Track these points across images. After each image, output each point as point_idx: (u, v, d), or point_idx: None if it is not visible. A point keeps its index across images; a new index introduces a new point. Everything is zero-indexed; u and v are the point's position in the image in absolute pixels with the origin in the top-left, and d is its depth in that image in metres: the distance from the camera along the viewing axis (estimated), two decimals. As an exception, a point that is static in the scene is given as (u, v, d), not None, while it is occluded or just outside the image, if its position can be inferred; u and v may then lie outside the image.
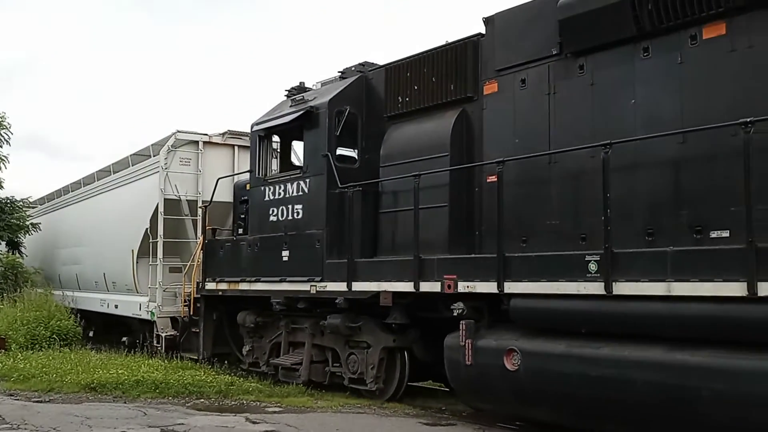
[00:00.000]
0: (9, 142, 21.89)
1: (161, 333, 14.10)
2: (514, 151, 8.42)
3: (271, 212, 11.29)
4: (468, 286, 8.18)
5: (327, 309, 10.22)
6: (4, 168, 21.90)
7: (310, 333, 10.82)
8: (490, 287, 7.92)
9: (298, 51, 66.06)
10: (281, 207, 11.10)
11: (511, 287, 7.73)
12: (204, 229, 13.36)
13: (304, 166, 10.99)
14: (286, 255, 10.86)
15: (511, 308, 7.80)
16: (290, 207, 10.93)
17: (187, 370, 11.81)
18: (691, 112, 7.00)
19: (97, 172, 19.16)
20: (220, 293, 12.42)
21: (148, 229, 14.92)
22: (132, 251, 15.44)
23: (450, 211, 9.05)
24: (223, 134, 15.34)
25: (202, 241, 13.36)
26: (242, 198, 12.71)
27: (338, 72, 11.43)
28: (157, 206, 14.61)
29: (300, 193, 10.79)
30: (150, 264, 14.87)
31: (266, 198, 11.44)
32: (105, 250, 17.14)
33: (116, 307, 16.70)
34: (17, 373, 11.80)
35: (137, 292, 15.54)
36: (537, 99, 8.40)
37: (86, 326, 17.86)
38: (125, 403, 9.82)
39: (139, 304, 15.15)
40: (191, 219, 14.83)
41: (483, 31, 9.19)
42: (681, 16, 7.10)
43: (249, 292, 11.68)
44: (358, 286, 9.58)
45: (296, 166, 11.86)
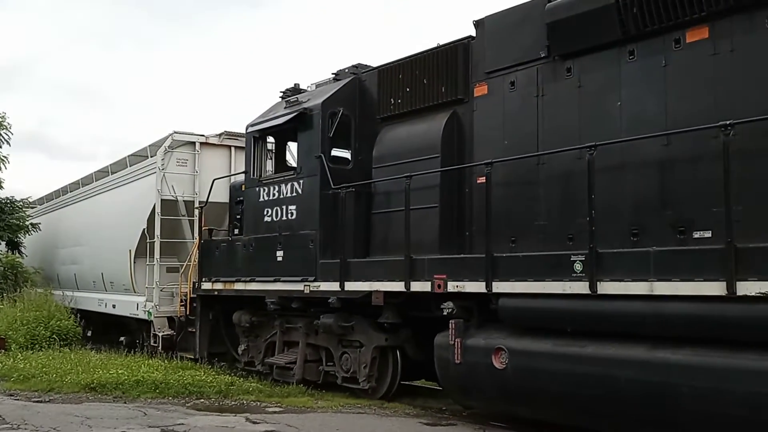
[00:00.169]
0: (9, 143, 22.03)
1: (158, 333, 14.19)
2: (503, 153, 8.53)
3: (265, 213, 11.39)
4: (457, 286, 8.29)
5: (321, 309, 10.31)
6: (4, 168, 22.02)
7: (304, 332, 10.92)
8: (479, 287, 8.03)
9: (298, 51, 66.21)
10: (276, 208, 11.20)
11: (499, 287, 7.84)
12: (200, 230, 13.46)
13: (297, 167, 11.08)
14: (280, 255, 10.97)
15: (499, 307, 7.91)
16: (284, 208, 11.03)
17: (187, 370, 11.80)
18: (675, 114, 7.11)
19: (95, 172, 19.27)
20: (216, 293, 12.53)
21: (146, 230, 15.02)
22: (129, 251, 15.53)
23: (440, 211, 9.16)
24: (219, 135, 15.41)
25: (198, 242, 13.47)
26: (238, 199, 12.78)
27: (332, 74, 11.53)
28: (154, 207, 14.67)
29: (294, 194, 10.89)
30: (147, 264, 14.95)
31: (261, 199, 11.53)
32: (103, 250, 17.23)
33: (114, 306, 16.80)
34: (17, 373, 11.81)
35: (135, 292, 15.63)
36: (526, 101, 8.51)
37: (85, 326, 17.96)
38: (125, 403, 9.83)
39: (137, 304, 15.25)
40: (188, 219, 14.91)
41: (473, 34, 9.30)
42: (665, 20, 7.21)
43: (244, 292, 11.78)
44: (350, 285, 9.68)
45: (291, 167, 11.93)
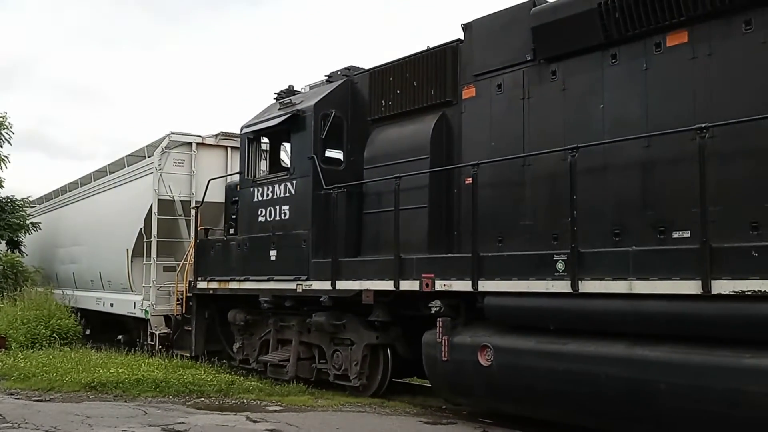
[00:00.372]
0: (10, 142, 22.21)
1: (155, 331, 14.36)
2: (490, 154, 8.69)
3: (259, 213, 11.55)
4: (445, 285, 8.45)
5: (313, 307, 10.47)
6: (5, 168, 22.14)
7: (297, 330, 11.08)
8: (465, 285, 8.18)
9: (297, 50, 66.37)
10: (269, 208, 11.36)
11: (484, 285, 8.00)
12: (196, 229, 13.63)
13: (291, 168, 11.24)
14: (273, 254, 11.13)
15: (485, 306, 8.06)
16: (278, 208, 11.19)
17: (187, 369, 11.83)
18: (656, 117, 7.27)
19: (93, 172, 19.46)
20: (212, 292, 12.68)
21: (143, 229, 15.19)
22: (127, 250, 15.71)
23: (429, 211, 9.31)
24: (216, 136, 15.59)
25: (194, 241, 13.61)
26: (233, 199, 12.94)
27: (325, 76, 11.69)
28: (151, 206, 14.86)
29: (287, 195, 11.05)
30: (144, 263, 15.12)
31: (255, 199, 11.69)
32: (101, 250, 17.39)
33: (112, 305, 16.97)
34: (18, 372, 11.83)
35: (132, 291, 15.80)
36: (512, 103, 8.66)
37: (84, 325, 18.10)
38: (126, 402, 9.86)
39: (134, 303, 15.43)
40: (185, 219, 15.09)
41: (462, 37, 9.45)
42: (646, 24, 7.37)
43: (239, 291, 11.94)
44: (341, 284, 9.84)
45: (284, 168, 12.07)
